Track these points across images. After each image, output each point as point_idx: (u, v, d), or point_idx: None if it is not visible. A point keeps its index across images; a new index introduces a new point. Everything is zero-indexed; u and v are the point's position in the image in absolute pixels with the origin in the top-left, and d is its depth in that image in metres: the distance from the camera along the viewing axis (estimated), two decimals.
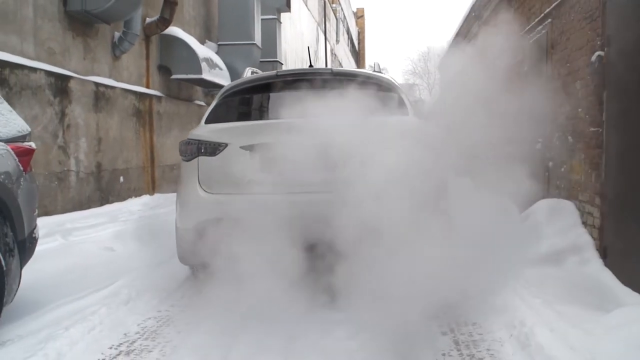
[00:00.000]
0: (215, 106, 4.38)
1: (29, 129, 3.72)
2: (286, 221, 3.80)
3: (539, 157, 6.11)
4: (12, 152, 3.40)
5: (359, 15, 56.97)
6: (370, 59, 62.01)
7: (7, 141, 3.43)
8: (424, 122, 4.13)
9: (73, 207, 8.15)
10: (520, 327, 3.14)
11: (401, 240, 3.78)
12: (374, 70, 4.92)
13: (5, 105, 3.61)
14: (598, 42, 4.51)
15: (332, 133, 3.86)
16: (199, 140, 4.03)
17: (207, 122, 4.27)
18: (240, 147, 3.88)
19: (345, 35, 47.46)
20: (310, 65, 4.95)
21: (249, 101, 4.37)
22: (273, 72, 4.53)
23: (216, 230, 3.89)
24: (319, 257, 3.99)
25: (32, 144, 3.69)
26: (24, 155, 3.54)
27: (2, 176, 3.23)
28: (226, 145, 3.92)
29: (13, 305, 3.75)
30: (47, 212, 7.44)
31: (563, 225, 4.88)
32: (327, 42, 34.69)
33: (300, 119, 4.01)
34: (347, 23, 47.86)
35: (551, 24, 5.82)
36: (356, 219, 3.73)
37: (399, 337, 3.18)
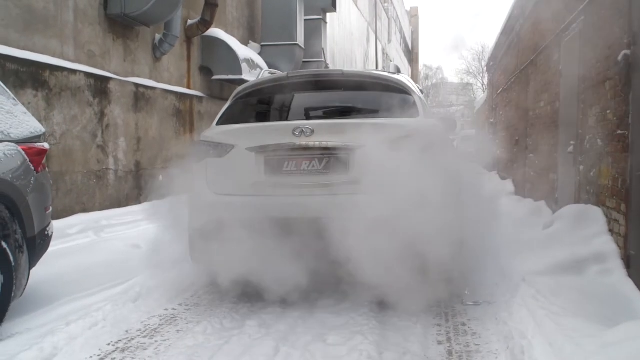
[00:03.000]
0: (228, 108, 4.43)
1: (43, 130, 3.86)
2: (289, 223, 3.79)
3: (571, 160, 5.86)
4: (23, 152, 3.53)
5: (413, 15, 56.35)
6: (424, 59, 61.26)
7: (20, 142, 3.57)
8: (434, 123, 4.02)
9: (111, 204, 8.41)
10: (519, 339, 3.02)
11: (408, 246, 3.71)
12: (390, 72, 4.84)
13: (20, 107, 3.76)
14: (625, 40, 4.28)
15: (339, 135, 3.82)
16: (207, 142, 4.07)
17: (219, 123, 4.31)
18: (246, 149, 3.89)
19: (398, 35, 47.04)
20: (326, 67, 4.92)
21: (259, 103, 4.38)
22: (284, 74, 4.53)
23: (222, 231, 3.92)
24: (323, 260, 3.96)
25: (45, 145, 3.82)
26: (36, 155, 3.67)
27: (11, 175, 3.36)
28: (233, 147, 3.94)
29: (28, 299, 3.91)
30: (85, 210, 7.71)
31: (588, 232, 4.67)
32: (378, 42, 34.48)
33: (308, 121, 3.99)
34: (399, 22, 47.43)
35: (584, 22, 5.57)
36: (361, 222, 3.68)
37: (391, 344, 3.12)
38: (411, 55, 56.72)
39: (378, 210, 3.70)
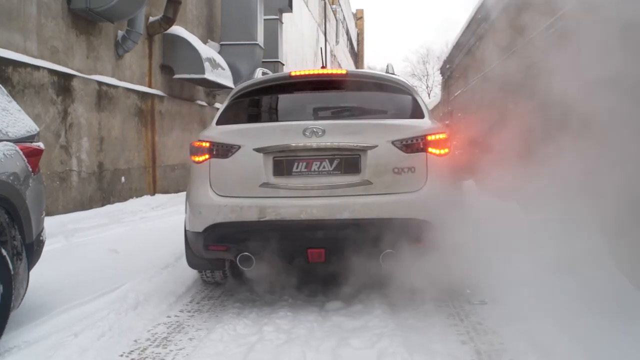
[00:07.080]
0: (227, 107, 4.29)
1: (37, 129, 3.63)
2: (299, 226, 3.71)
3: None
4: (21, 153, 3.31)
5: (359, 17, 56.97)
6: (368, 61, 62.10)
7: (16, 141, 3.34)
8: (437, 125, 4.04)
9: (75, 207, 8.06)
10: (542, 336, 3.06)
11: (419, 247, 3.71)
12: (388, 73, 4.84)
13: (14, 104, 3.52)
14: None
15: (351, 136, 3.76)
16: (210, 142, 3.93)
17: (219, 123, 4.17)
18: (254, 150, 3.78)
19: (345, 37, 47.42)
20: (323, 67, 4.87)
21: (261, 103, 4.27)
22: (286, 73, 4.44)
23: (227, 234, 3.81)
24: (330, 263, 3.92)
25: (41, 144, 3.60)
26: (33, 156, 3.44)
27: (11, 177, 3.14)
28: (239, 147, 3.82)
29: (19, 309, 3.66)
30: (49, 213, 7.32)
31: None
32: (327, 43, 34.62)
33: (317, 121, 3.92)
34: (346, 24, 47.81)
35: None
36: (373, 225, 3.66)
37: (417, 346, 3.10)
38: (357, 56, 57.28)
39: (390, 212, 3.68)
